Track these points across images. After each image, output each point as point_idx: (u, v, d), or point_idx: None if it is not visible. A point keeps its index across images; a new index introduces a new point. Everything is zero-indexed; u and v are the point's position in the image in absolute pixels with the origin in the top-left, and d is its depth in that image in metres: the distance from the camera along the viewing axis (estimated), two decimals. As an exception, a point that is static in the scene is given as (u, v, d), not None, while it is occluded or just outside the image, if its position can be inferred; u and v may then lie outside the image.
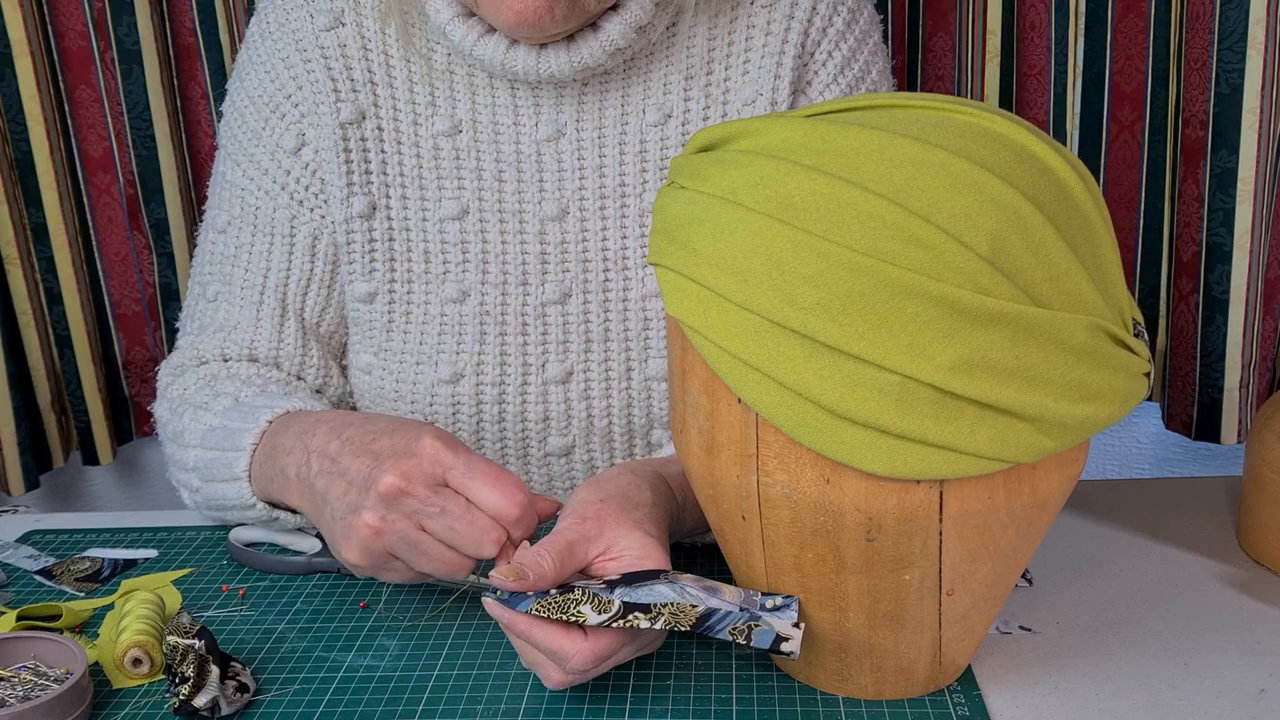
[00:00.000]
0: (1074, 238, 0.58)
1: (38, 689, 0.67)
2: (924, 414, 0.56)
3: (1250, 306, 1.34)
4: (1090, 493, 0.91)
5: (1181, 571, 0.80)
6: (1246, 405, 1.37)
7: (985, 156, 0.57)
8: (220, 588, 0.82)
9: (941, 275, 0.55)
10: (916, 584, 0.61)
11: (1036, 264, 0.56)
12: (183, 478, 0.89)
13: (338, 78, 0.91)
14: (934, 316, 0.55)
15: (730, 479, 0.62)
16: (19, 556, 0.88)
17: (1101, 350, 0.58)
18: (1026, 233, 0.56)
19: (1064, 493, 0.63)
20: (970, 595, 0.63)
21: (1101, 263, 0.59)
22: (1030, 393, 0.56)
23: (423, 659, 0.72)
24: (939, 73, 1.40)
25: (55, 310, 1.42)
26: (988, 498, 0.59)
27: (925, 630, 0.64)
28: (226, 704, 0.66)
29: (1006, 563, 0.63)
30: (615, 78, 0.90)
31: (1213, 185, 1.31)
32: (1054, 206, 0.58)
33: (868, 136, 0.58)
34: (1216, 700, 0.66)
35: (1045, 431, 0.58)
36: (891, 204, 0.55)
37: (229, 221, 0.95)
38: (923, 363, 0.55)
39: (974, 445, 0.57)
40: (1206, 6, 1.27)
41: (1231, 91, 1.27)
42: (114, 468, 1.58)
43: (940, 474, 0.57)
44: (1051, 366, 0.56)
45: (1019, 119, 0.61)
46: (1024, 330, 0.55)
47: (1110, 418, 0.59)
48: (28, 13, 1.31)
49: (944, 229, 0.55)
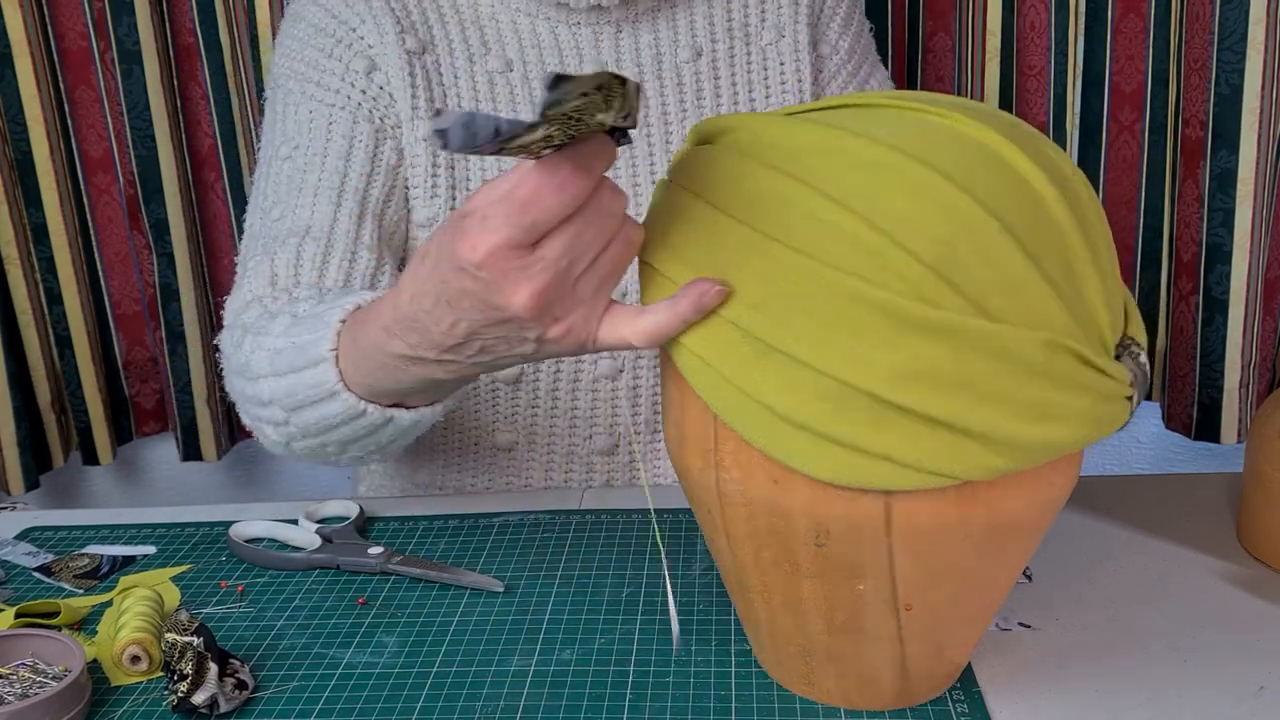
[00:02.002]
0: (1039, 249, 0.54)
1: (36, 686, 0.67)
2: (862, 422, 0.54)
3: (1250, 307, 1.34)
4: (1090, 490, 0.91)
5: (1181, 569, 0.80)
6: (1246, 405, 1.37)
7: (944, 160, 0.55)
8: (219, 584, 0.82)
9: (883, 281, 0.53)
10: (871, 595, 0.60)
11: (989, 274, 0.53)
12: (262, 414, 0.79)
13: (399, 13, 0.95)
14: (874, 323, 0.53)
15: (696, 471, 0.62)
16: (17, 553, 0.88)
17: (1061, 369, 0.54)
18: (978, 240, 0.53)
19: (1038, 516, 0.59)
20: (932, 613, 0.61)
21: (1073, 276, 0.55)
22: (977, 408, 0.53)
23: (422, 656, 0.72)
24: (939, 73, 1.40)
25: (55, 310, 1.42)
26: (938, 514, 0.57)
27: (885, 642, 0.62)
28: (225, 701, 0.66)
29: (972, 584, 0.61)
30: (645, 20, 0.98)
31: (1213, 185, 1.31)
32: (1015, 215, 0.54)
33: (827, 136, 0.56)
34: (1216, 698, 0.66)
35: (996, 450, 0.54)
36: (837, 205, 0.54)
37: (295, 147, 0.92)
38: (861, 370, 0.53)
39: (917, 458, 0.54)
40: (1206, 7, 1.27)
41: (1231, 92, 1.27)
42: (114, 468, 1.58)
43: (883, 484, 0.55)
44: (1002, 382, 0.53)
45: (1007, 121, 0.59)
46: (970, 343, 0.52)
47: (1076, 441, 0.55)
48: (28, 13, 1.31)
49: (887, 233, 0.53)
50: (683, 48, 0.99)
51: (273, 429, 0.79)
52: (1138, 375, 0.58)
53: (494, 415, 1.00)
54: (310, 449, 0.79)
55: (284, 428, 0.77)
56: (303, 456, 0.82)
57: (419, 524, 0.89)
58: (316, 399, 0.73)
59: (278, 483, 1.65)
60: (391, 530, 0.89)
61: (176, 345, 1.44)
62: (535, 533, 0.87)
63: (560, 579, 0.80)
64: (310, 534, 0.86)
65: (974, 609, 0.63)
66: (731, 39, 1.00)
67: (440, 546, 0.86)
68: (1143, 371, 0.58)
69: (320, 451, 0.79)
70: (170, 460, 1.58)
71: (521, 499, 0.94)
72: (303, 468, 1.64)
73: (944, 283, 0.53)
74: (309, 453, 0.80)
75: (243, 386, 0.80)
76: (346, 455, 0.79)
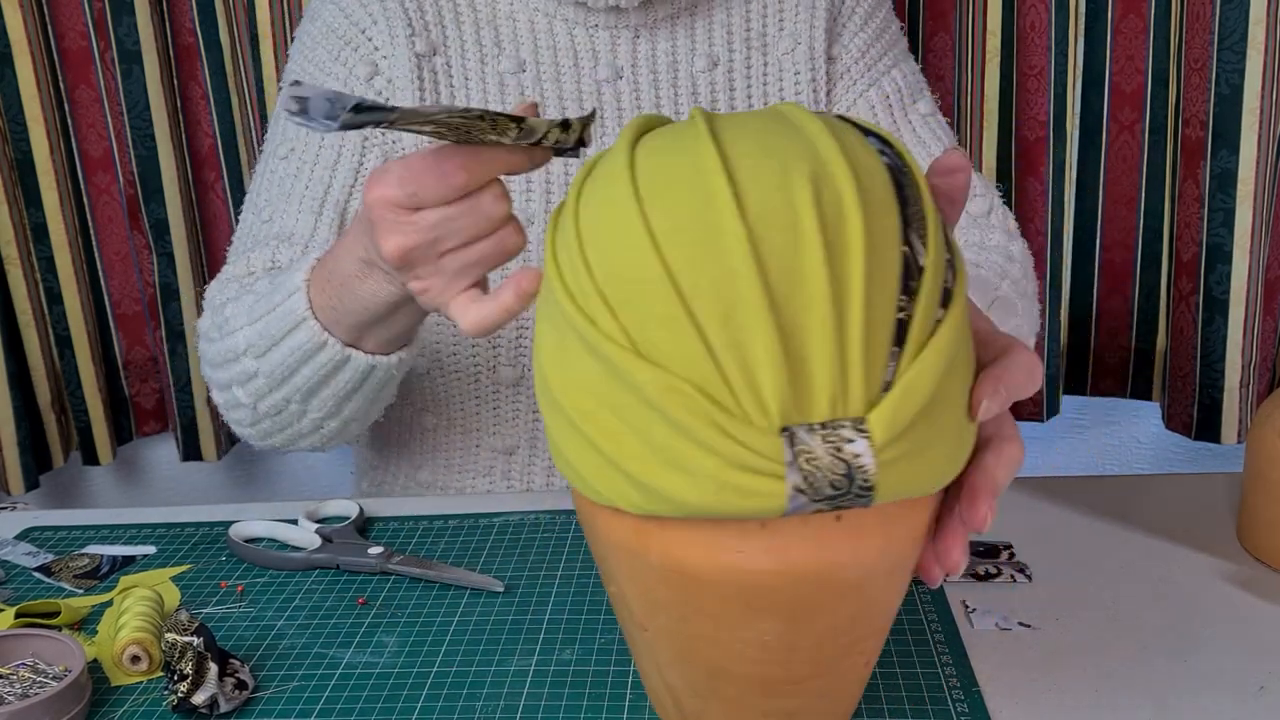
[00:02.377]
0: (699, 288, 0.49)
1: (36, 686, 0.67)
2: (559, 425, 0.54)
3: (1250, 307, 1.34)
4: (1091, 490, 0.91)
5: (1182, 568, 0.80)
6: (1247, 405, 1.37)
7: (648, 178, 0.52)
8: (219, 584, 0.82)
9: (578, 293, 0.52)
10: (619, 602, 0.59)
11: (643, 305, 0.50)
12: (233, 374, 0.86)
13: (411, 15, 0.95)
14: (565, 332, 0.53)
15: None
16: (17, 553, 0.88)
17: (685, 420, 0.48)
18: (640, 269, 0.50)
19: (719, 581, 0.53)
20: (662, 639, 0.58)
21: (732, 326, 0.48)
22: (617, 437, 0.51)
23: (422, 656, 0.72)
24: (939, 73, 1.40)
25: (55, 310, 1.42)
26: (622, 536, 0.55)
27: (643, 660, 0.61)
28: (225, 701, 0.66)
29: (678, 624, 0.56)
30: (664, 26, 0.98)
31: (1213, 186, 1.31)
32: (685, 250, 0.49)
33: (611, 153, 0.56)
34: (1217, 697, 0.66)
35: (635, 485, 0.51)
36: (571, 207, 0.54)
37: (291, 149, 0.97)
38: (555, 371, 0.54)
39: (584, 469, 0.53)
40: (1206, 7, 1.27)
41: (1231, 92, 1.27)
42: (114, 468, 1.58)
43: (580, 488, 0.55)
44: (638, 416, 0.50)
45: (798, 149, 0.51)
46: (611, 368, 0.50)
47: (703, 502, 0.49)
48: (28, 13, 1.31)
49: (582, 245, 0.52)
50: (699, 56, 0.99)
51: (242, 390, 0.86)
52: (816, 463, 0.48)
53: (495, 419, 1.00)
54: (275, 407, 0.86)
55: (253, 382, 0.84)
56: (269, 431, 0.89)
57: (419, 524, 0.89)
58: (287, 330, 0.80)
59: (278, 483, 1.65)
60: (391, 530, 0.89)
61: (176, 345, 1.44)
62: (535, 533, 0.87)
63: (560, 579, 0.80)
64: (310, 534, 0.86)
65: (695, 657, 0.58)
66: (749, 48, 1.00)
67: (440, 546, 0.86)
68: (833, 461, 0.48)
69: (284, 412, 0.86)
70: (170, 460, 1.58)
71: (521, 499, 0.94)
72: (303, 467, 1.64)
73: (604, 303, 0.51)
74: (273, 415, 0.87)
75: (217, 351, 0.87)
76: (308, 418, 0.86)
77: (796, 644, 0.55)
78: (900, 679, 0.68)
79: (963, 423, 0.53)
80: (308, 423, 0.87)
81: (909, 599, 0.76)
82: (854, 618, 0.56)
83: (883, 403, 0.49)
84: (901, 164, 0.54)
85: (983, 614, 0.74)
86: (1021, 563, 0.80)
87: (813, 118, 0.53)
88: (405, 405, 1.03)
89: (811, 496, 0.49)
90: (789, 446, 0.48)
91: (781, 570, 0.52)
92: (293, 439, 0.90)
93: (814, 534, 0.52)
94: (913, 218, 0.52)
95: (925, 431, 0.50)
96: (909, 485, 0.50)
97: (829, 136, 0.51)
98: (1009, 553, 0.81)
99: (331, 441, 0.91)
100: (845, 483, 0.48)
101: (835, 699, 0.60)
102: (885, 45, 1.04)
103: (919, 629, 0.72)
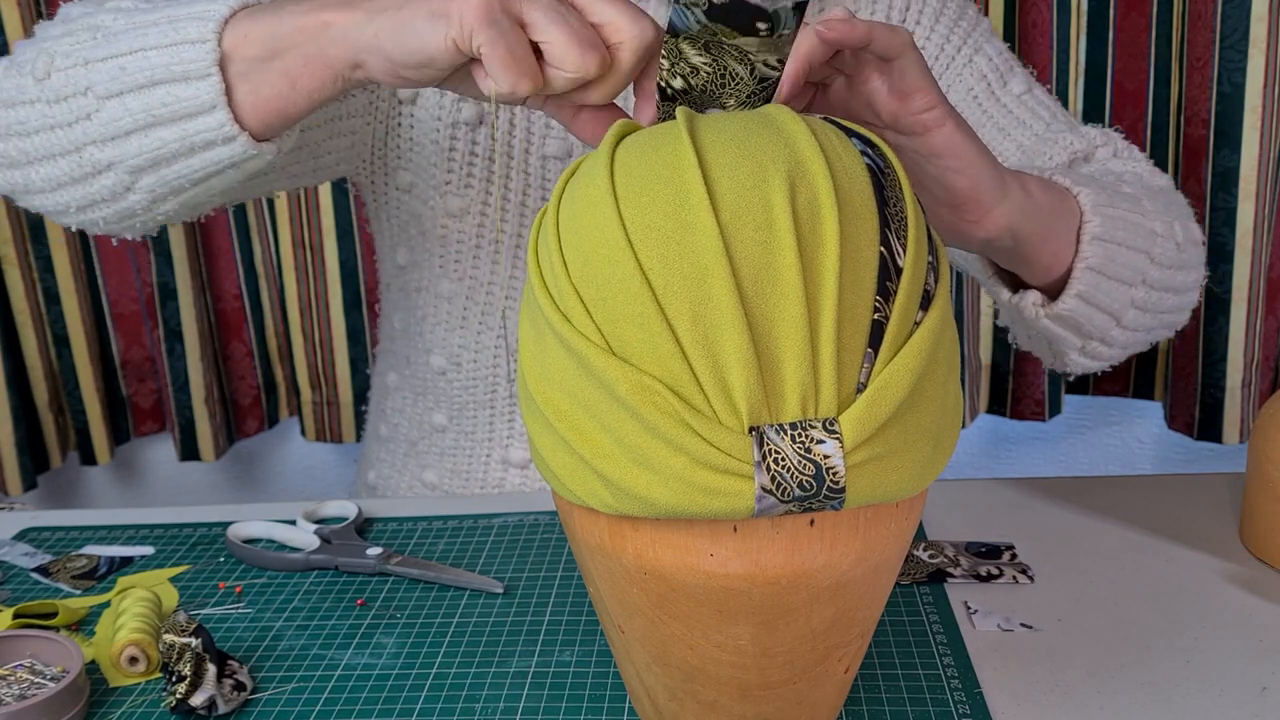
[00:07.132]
0: (671, 286, 0.49)
1: (34, 687, 0.67)
2: (535, 418, 0.54)
3: (1252, 306, 1.34)
4: (1091, 490, 0.91)
5: (1184, 568, 0.80)
6: (1249, 405, 1.36)
7: (625, 174, 0.52)
8: (217, 585, 0.82)
9: (550, 292, 0.52)
10: (598, 603, 0.59)
11: (617, 301, 0.49)
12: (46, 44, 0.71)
13: None
14: (543, 330, 0.53)
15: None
16: (15, 554, 0.87)
17: (653, 418, 0.48)
18: (613, 265, 0.50)
19: (692, 585, 0.53)
20: (638, 641, 0.58)
21: (704, 323, 0.48)
22: (590, 436, 0.51)
23: (421, 656, 0.72)
24: (939, 71, 1.39)
25: (53, 310, 1.41)
26: (597, 537, 0.55)
27: (622, 660, 0.62)
28: (223, 702, 0.66)
29: (652, 626, 0.56)
30: None
31: (1215, 184, 1.31)
32: (660, 250, 0.49)
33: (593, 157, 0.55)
34: (1219, 698, 0.66)
35: (606, 485, 0.51)
36: (553, 206, 0.54)
37: None
38: (533, 370, 0.54)
39: (560, 469, 0.53)
40: (1208, 5, 1.26)
41: (1233, 90, 1.27)
42: (111, 467, 1.58)
43: (556, 488, 0.55)
44: (610, 414, 0.50)
45: (773, 153, 0.51)
46: (584, 365, 0.50)
47: (676, 504, 0.49)
48: (27, 12, 1.31)
49: (559, 243, 0.53)
50: None
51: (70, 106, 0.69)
52: (784, 463, 0.48)
53: (510, 432, 1.00)
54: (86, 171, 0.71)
55: (82, 125, 0.69)
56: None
57: (418, 524, 0.89)
58: (174, 79, 0.66)
59: (276, 483, 1.65)
60: (391, 531, 0.88)
61: (174, 345, 1.44)
62: (535, 534, 0.87)
63: (560, 580, 0.80)
64: (309, 534, 0.86)
65: (671, 656, 0.57)
66: None
67: (440, 547, 0.85)
68: (802, 461, 0.48)
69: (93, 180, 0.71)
70: (168, 460, 1.58)
71: (521, 500, 0.94)
72: (302, 468, 1.64)
73: (579, 300, 0.51)
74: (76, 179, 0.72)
75: (30, 49, 0.72)
76: (132, 196, 0.72)
77: (771, 648, 0.55)
78: (902, 679, 0.67)
79: (940, 428, 0.53)
80: (143, 189, 0.72)
81: (910, 599, 0.76)
82: (831, 623, 0.55)
83: (855, 404, 0.49)
84: (884, 165, 0.53)
85: (985, 615, 0.74)
86: (1023, 564, 0.80)
87: (796, 119, 0.53)
88: (417, 400, 1.03)
89: (779, 497, 0.48)
90: (757, 446, 0.48)
91: (753, 574, 0.52)
92: (116, 198, 0.73)
93: (786, 537, 0.51)
94: (893, 219, 0.52)
95: (899, 434, 0.50)
96: (881, 489, 0.50)
97: (809, 137, 0.51)
98: (1011, 554, 0.81)
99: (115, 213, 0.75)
100: (814, 484, 0.48)
101: (813, 705, 0.60)
102: (961, 36, 0.97)
103: (920, 630, 0.72)
